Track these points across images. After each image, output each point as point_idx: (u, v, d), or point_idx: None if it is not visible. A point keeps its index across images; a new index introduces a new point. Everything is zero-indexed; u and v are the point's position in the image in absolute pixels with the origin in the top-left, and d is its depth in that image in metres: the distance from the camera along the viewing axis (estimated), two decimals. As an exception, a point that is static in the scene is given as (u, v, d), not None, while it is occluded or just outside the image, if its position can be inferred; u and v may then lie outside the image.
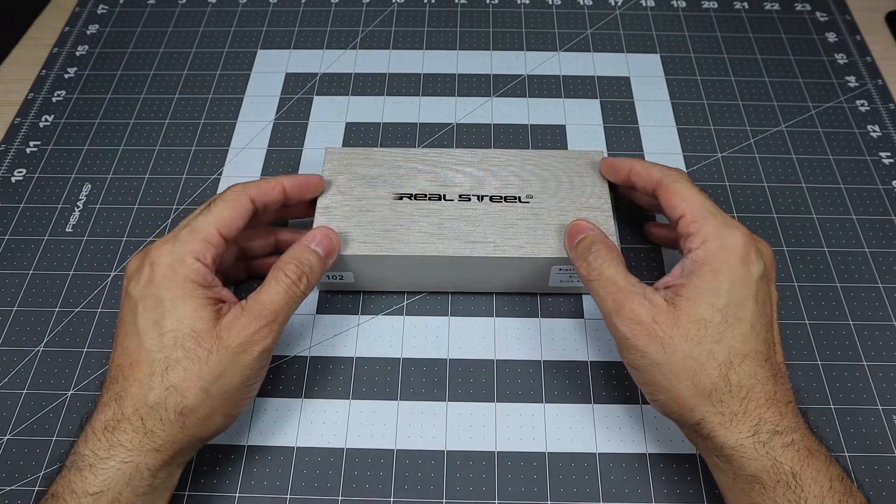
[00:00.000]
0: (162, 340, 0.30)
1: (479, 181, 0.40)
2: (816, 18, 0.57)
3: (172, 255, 0.32)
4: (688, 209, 0.33)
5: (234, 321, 0.31)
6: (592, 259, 0.33)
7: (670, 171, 0.35)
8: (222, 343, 0.30)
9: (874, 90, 0.52)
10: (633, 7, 0.58)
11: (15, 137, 0.50)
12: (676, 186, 0.34)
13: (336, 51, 0.55)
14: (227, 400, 0.31)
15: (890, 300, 0.41)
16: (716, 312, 0.30)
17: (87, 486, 0.28)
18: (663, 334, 0.30)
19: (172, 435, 0.29)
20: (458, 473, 0.35)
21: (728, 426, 0.29)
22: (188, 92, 0.52)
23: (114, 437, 0.29)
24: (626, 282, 0.32)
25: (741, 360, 0.30)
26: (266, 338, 0.31)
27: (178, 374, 0.30)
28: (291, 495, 0.35)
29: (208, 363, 0.30)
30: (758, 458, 0.28)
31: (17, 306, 0.41)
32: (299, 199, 0.38)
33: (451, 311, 0.41)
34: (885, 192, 0.46)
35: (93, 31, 0.57)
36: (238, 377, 0.31)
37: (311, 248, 0.35)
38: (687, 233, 0.33)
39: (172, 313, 0.30)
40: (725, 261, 0.31)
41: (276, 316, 0.32)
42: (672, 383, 0.30)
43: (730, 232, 0.32)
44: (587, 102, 0.51)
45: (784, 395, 0.30)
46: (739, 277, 0.31)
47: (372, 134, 0.49)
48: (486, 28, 0.56)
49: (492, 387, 0.38)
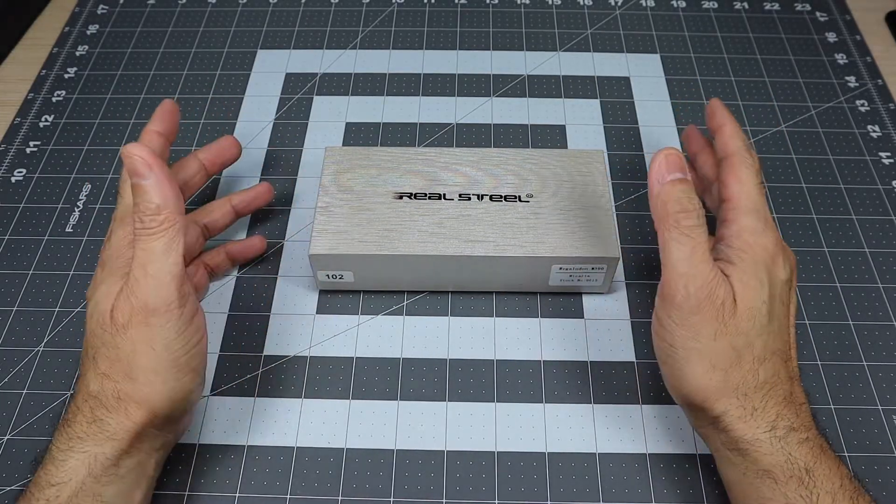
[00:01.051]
0: (87, 328, 0.31)
1: (479, 180, 0.40)
2: (816, 18, 0.57)
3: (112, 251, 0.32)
4: (738, 195, 0.32)
5: (126, 298, 0.29)
6: (696, 215, 0.30)
7: (746, 152, 0.34)
8: (115, 324, 0.29)
9: (874, 90, 0.52)
10: (633, 7, 0.58)
11: (15, 137, 0.50)
12: (741, 168, 0.33)
13: (336, 51, 0.55)
14: (156, 378, 0.30)
15: (890, 300, 0.41)
16: (763, 304, 0.30)
17: (50, 478, 0.29)
18: (723, 320, 0.29)
19: (120, 422, 0.29)
20: (458, 473, 0.35)
21: (748, 420, 0.29)
22: (188, 92, 0.52)
23: (71, 429, 0.29)
24: (710, 253, 0.30)
25: (770, 356, 0.30)
26: (153, 301, 0.29)
27: (102, 361, 0.30)
28: (291, 495, 0.35)
29: (117, 347, 0.29)
30: (773, 452, 0.28)
31: (17, 306, 0.41)
32: (221, 166, 0.41)
33: (451, 311, 0.41)
34: (885, 192, 0.46)
35: (93, 31, 0.57)
36: (152, 354, 0.29)
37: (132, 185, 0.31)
38: (725, 217, 0.32)
39: (93, 302, 0.31)
40: (761, 255, 0.31)
41: (144, 274, 0.29)
42: (706, 372, 0.29)
43: (765, 231, 0.31)
44: (587, 102, 0.51)
45: (799, 395, 0.30)
46: (772, 276, 0.31)
47: (372, 134, 0.49)
48: (486, 28, 0.56)
49: (492, 387, 0.38)
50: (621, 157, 0.48)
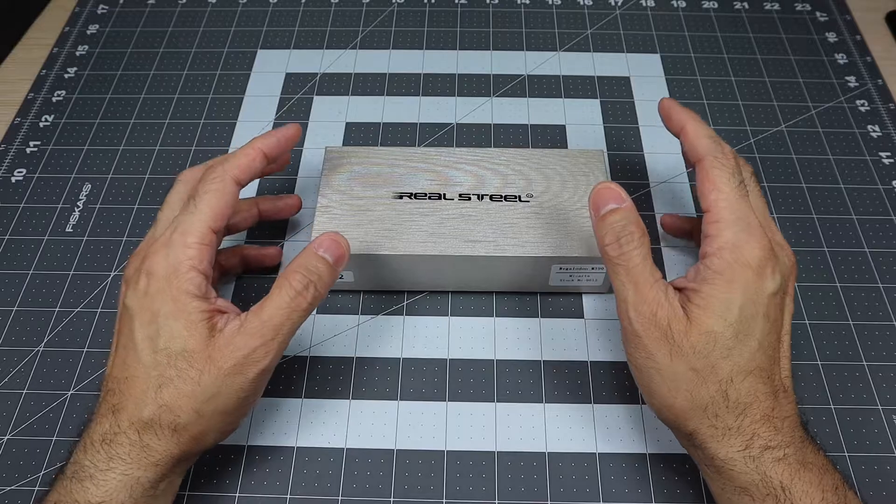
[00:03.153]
0: (156, 358, 0.29)
1: (480, 180, 0.40)
2: (816, 18, 0.57)
3: (167, 265, 0.30)
4: (715, 205, 0.30)
5: (229, 340, 0.29)
6: (625, 242, 0.30)
7: (717, 149, 0.32)
8: (214, 364, 0.29)
9: (874, 90, 0.52)
10: (633, 7, 0.58)
11: (15, 137, 0.50)
12: (714, 173, 0.31)
13: (336, 51, 0.55)
14: (223, 419, 0.30)
15: (890, 300, 0.41)
16: (727, 327, 0.29)
17: (90, 497, 0.28)
18: (674, 341, 0.29)
19: (168, 450, 0.29)
20: (458, 473, 0.35)
21: (720, 440, 0.29)
22: (188, 92, 0.52)
23: (112, 449, 0.29)
24: (651, 275, 0.30)
25: (743, 377, 0.29)
26: (264, 358, 0.30)
27: (170, 392, 0.29)
28: (291, 495, 0.35)
29: (200, 384, 0.29)
30: (747, 472, 0.28)
31: (17, 306, 0.41)
32: (281, 157, 0.36)
33: (451, 311, 0.41)
34: (885, 192, 0.46)
35: (93, 31, 0.57)
36: (233, 398, 0.30)
37: (318, 254, 0.32)
38: (706, 233, 0.31)
39: (166, 330, 0.29)
40: (739, 274, 0.29)
41: (277, 333, 0.30)
42: (670, 391, 0.29)
43: (749, 242, 0.29)
44: (587, 102, 0.51)
45: (783, 410, 0.29)
46: (752, 293, 0.29)
47: (372, 134, 0.49)
48: (486, 28, 0.56)
49: (492, 387, 0.38)
50: (621, 157, 0.48)
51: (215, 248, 0.32)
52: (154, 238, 0.32)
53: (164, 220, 0.33)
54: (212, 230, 0.32)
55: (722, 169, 0.31)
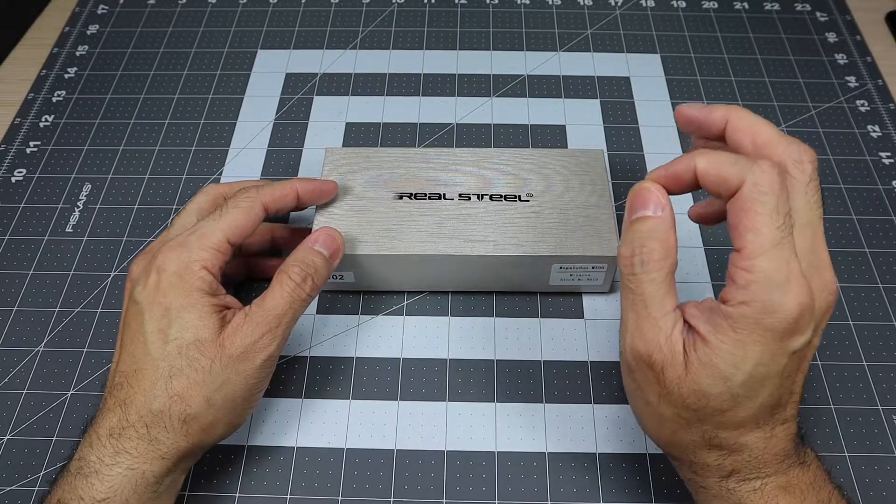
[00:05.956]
0: (166, 349, 0.30)
1: (479, 180, 0.40)
2: (816, 18, 0.57)
3: (180, 263, 0.31)
4: (749, 249, 0.24)
5: (237, 329, 0.31)
6: (641, 263, 0.26)
7: (764, 169, 0.25)
8: (225, 352, 0.30)
9: (874, 90, 0.52)
10: (633, 7, 0.58)
11: (15, 137, 0.50)
12: (755, 209, 0.24)
13: (336, 51, 0.55)
14: (231, 408, 0.31)
15: (890, 300, 0.41)
16: (726, 389, 0.25)
17: (94, 493, 0.28)
18: (665, 387, 0.26)
19: (176, 442, 0.30)
20: (458, 473, 0.35)
21: (698, 471, 0.28)
22: (188, 92, 0.52)
23: (119, 443, 0.29)
24: (660, 307, 0.26)
25: (733, 429, 0.27)
26: (269, 345, 0.31)
27: (181, 382, 0.30)
28: (291, 495, 0.35)
29: (211, 372, 0.30)
30: (722, 496, 0.28)
31: (17, 306, 0.41)
32: (310, 204, 0.38)
33: (451, 311, 0.41)
34: (885, 192, 0.46)
35: (93, 31, 0.57)
36: (241, 385, 0.31)
37: (315, 249, 0.34)
38: (732, 276, 0.25)
39: (178, 321, 0.30)
40: (758, 337, 0.25)
41: (280, 321, 0.31)
42: (653, 424, 0.29)
43: (784, 296, 0.24)
44: (587, 102, 0.51)
45: (773, 446, 0.27)
46: (769, 356, 0.25)
47: (372, 134, 0.49)
48: (486, 28, 0.56)
49: (492, 387, 0.38)
50: (621, 157, 0.48)
51: (227, 258, 0.33)
52: (168, 239, 0.33)
53: (178, 225, 0.35)
54: (229, 241, 0.33)
55: (765, 204, 0.24)
